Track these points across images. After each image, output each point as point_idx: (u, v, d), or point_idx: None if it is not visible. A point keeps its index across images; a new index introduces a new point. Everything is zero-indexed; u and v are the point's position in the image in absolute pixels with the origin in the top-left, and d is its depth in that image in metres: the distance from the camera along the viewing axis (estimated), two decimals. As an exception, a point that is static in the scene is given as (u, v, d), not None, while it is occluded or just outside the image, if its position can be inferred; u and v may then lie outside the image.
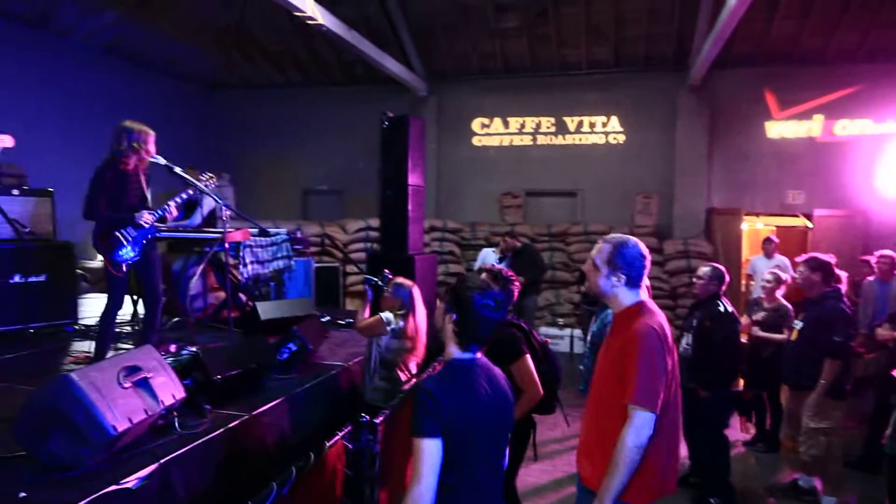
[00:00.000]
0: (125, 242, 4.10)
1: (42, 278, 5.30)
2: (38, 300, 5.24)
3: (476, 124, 11.35)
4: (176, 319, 5.61)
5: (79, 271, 7.93)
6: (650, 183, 10.41)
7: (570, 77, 10.79)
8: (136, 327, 5.56)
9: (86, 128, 9.05)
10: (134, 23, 9.51)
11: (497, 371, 2.19)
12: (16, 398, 2.98)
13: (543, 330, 9.31)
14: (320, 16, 7.55)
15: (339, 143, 11.52)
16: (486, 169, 11.21)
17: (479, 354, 2.12)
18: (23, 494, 2.34)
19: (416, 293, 3.86)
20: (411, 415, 1.98)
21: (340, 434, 3.04)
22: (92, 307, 6.05)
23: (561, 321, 9.57)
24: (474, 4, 9.81)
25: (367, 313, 3.97)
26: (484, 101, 11.27)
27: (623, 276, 2.34)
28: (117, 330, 5.06)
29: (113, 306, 4.25)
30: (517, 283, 3.43)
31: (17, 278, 5.13)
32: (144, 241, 4.21)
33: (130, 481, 2.55)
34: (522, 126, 11.17)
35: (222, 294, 6.09)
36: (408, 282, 3.92)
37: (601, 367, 2.44)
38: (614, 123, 10.75)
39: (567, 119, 10.93)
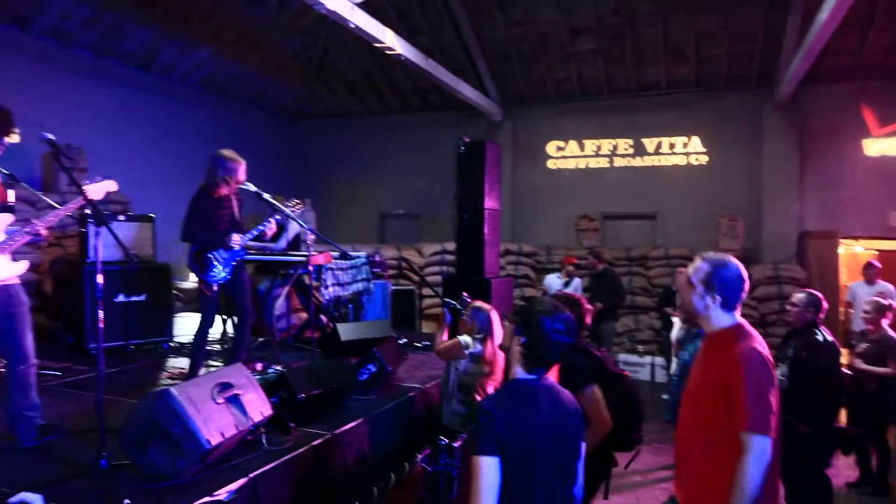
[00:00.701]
0: (216, 263, 4.33)
1: (142, 298, 5.67)
2: (138, 318, 5.61)
3: (551, 147, 11.30)
4: (261, 339, 5.83)
5: (174, 291, 8.44)
6: (735, 205, 9.99)
7: (649, 98, 10.59)
8: (225, 345, 5.83)
9: (181, 157, 9.70)
10: (226, 59, 10.15)
11: (566, 395, 2.15)
12: (120, 410, 3.19)
13: (622, 357, 9.04)
14: (399, 46, 7.79)
15: (416, 169, 11.75)
16: (561, 192, 11.12)
17: (545, 376, 2.09)
18: (127, 501, 2.48)
19: (495, 317, 3.85)
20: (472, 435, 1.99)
21: (419, 456, 3.06)
22: (185, 325, 6.42)
23: (641, 348, 9.26)
24: (549, 30, 9.85)
25: (445, 336, 4.00)
26: (559, 124, 11.22)
27: (718, 298, 2.26)
28: (208, 348, 5.33)
29: (205, 324, 4.48)
30: (589, 308, 3.36)
31: (120, 298, 5.51)
32: (234, 263, 4.43)
33: (222, 494, 2.66)
34: (599, 148, 11.02)
35: (304, 315, 6.30)
36: (486, 305, 3.92)
37: (694, 392, 2.35)
38: (696, 144, 10.43)
39: (645, 140, 10.71)
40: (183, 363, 5.06)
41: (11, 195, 4.65)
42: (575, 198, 10.97)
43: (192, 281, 9.23)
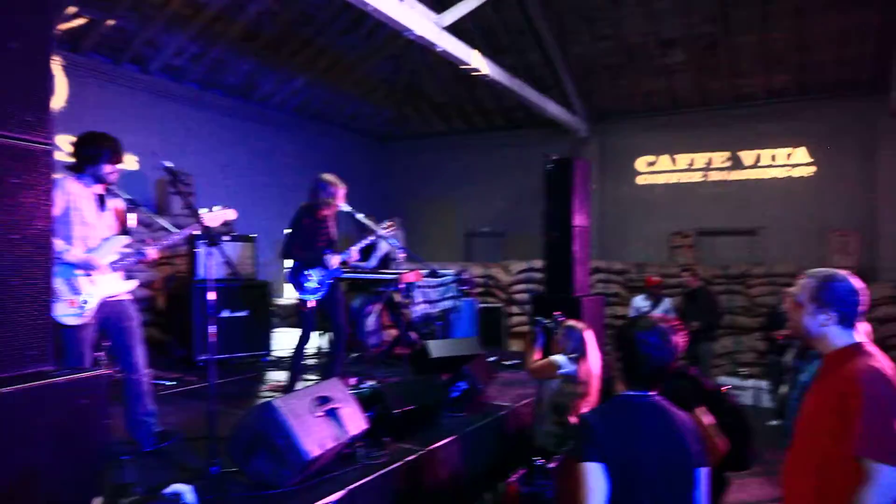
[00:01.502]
0: (314, 281, 4.51)
1: (245, 314, 5.98)
2: (240, 333, 5.92)
3: (640, 163, 11.00)
4: (354, 354, 5.98)
5: (272, 307, 8.84)
6: (847, 219, 9.28)
7: (746, 109, 10.09)
8: (321, 360, 6.02)
9: (278, 180, 10.22)
10: (320, 86, 10.64)
11: (680, 415, 2.05)
12: (226, 419, 3.35)
13: (723, 380, 8.54)
14: (485, 67, 7.87)
15: (501, 187, 11.76)
16: (652, 208, 10.77)
17: (650, 394, 2.01)
18: (234, 507, 2.60)
19: (589, 336, 3.76)
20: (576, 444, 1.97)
21: (514, 476, 3.02)
22: (282, 340, 6.70)
23: (743, 371, 8.72)
24: (637, 42, 9.64)
25: (537, 356, 3.94)
26: (649, 138, 10.91)
27: (834, 315, 2.08)
28: (305, 362, 5.53)
29: (302, 340, 4.66)
30: (680, 330, 3.19)
31: (225, 313, 5.83)
32: (330, 281, 4.60)
33: (321, 505, 2.73)
34: (692, 163, 10.61)
35: (395, 332, 6.42)
36: (580, 324, 3.83)
37: (808, 418, 2.18)
38: (800, 155, 9.81)
39: (743, 153, 10.19)
40: (281, 376, 5.27)
41: (133, 219, 5.07)
42: (667, 214, 10.59)
43: (289, 297, 9.63)
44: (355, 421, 3.26)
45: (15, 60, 1.91)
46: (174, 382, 4.96)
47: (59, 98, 7.73)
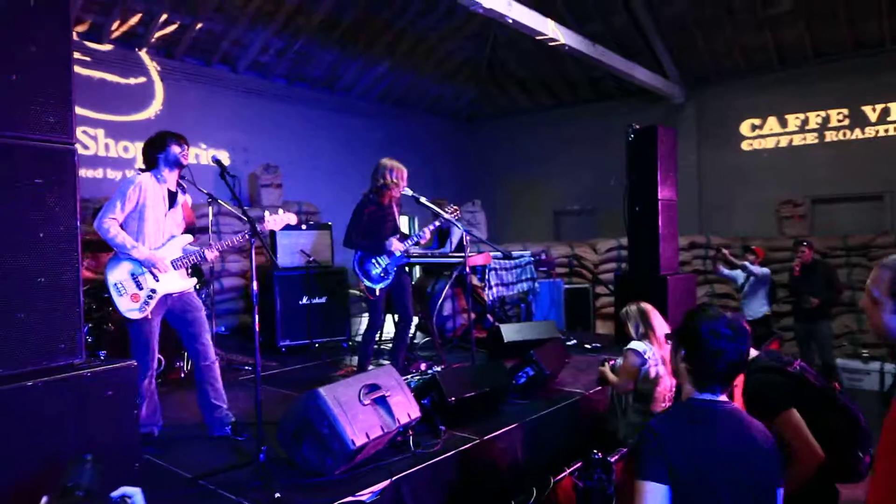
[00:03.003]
0: (380, 269, 4.49)
1: (323, 300, 6.12)
2: (320, 319, 6.07)
3: (745, 127, 10.09)
4: (427, 339, 5.96)
5: (356, 293, 9.04)
6: None
7: (868, 58, 8.92)
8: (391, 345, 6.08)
9: (361, 168, 10.35)
10: (401, 71, 10.66)
11: (754, 423, 1.80)
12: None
13: (841, 362, 7.71)
14: (562, 35, 7.49)
15: (591, 162, 11.26)
16: (758, 176, 9.86)
17: (723, 397, 1.76)
18: (277, 495, 2.62)
19: (647, 308, 3.56)
20: (636, 456, 1.73)
21: (568, 470, 2.83)
22: (363, 326, 6.80)
23: (866, 352, 7.83)
24: (736, -6, 8.79)
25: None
26: (754, 100, 9.97)
27: None
28: (379, 346, 5.57)
29: (371, 326, 4.68)
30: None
31: (304, 300, 6.00)
32: (396, 268, 4.56)
33: (365, 494, 2.70)
34: (804, 123, 9.58)
35: (473, 315, 6.33)
36: (634, 304, 3.61)
37: (892, 437, 1.82)
38: (936, 106, 8.57)
39: (866, 108, 9.05)
40: (355, 361, 5.34)
41: (210, 212, 5.27)
42: (775, 181, 9.65)
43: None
44: (406, 409, 3.20)
45: (34, 63, 1.99)
46: (249, 367, 5.16)
47: (157, 101, 8.26)
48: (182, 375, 4.85)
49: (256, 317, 3.08)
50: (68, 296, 2.04)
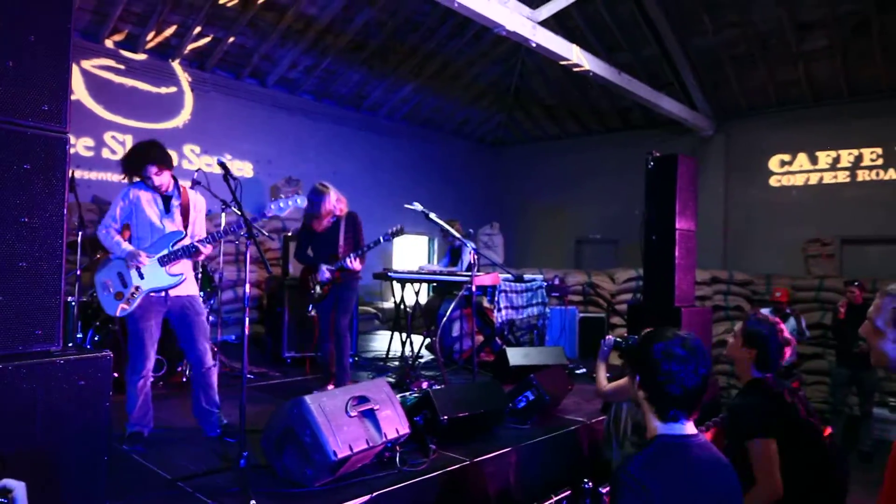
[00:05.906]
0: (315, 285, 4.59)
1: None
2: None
3: (774, 162, 9.89)
4: (432, 358, 5.88)
5: (369, 310, 9.00)
6: None
7: (904, 97, 8.73)
8: (398, 361, 6.02)
9: (387, 185, 10.45)
10: (428, 93, 10.75)
11: (721, 456, 1.71)
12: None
13: (876, 412, 7.27)
14: (587, 62, 7.47)
15: (615, 192, 11.14)
16: (786, 213, 9.63)
17: (689, 426, 1.65)
18: (253, 502, 2.56)
19: None
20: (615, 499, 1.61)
21: (555, 498, 2.72)
22: (380, 342, 6.76)
23: (893, 401, 7.46)
24: (769, 28, 8.68)
25: (602, 374, 3.54)
26: (784, 135, 9.79)
27: None
28: (385, 363, 5.50)
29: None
30: (789, 340, 2.68)
31: (312, 312, 5.96)
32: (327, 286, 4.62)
33: (341, 509, 2.62)
34: (836, 161, 9.36)
35: (481, 337, 6.23)
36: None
37: None
38: (975, 149, 8.29)
39: (901, 148, 8.82)
40: (361, 375, 5.30)
41: (223, 219, 5.33)
42: (803, 219, 9.41)
43: (391, 302, 9.76)
44: (395, 424, 3.13)
45: (33, 52, 2.02)
46: (252, 377, 5.13)
47: (186, 111, 8.45)
48: (184, 379, 4.85)
49: (247, 320, 3.04)
50: (48, 282, 2.04)
